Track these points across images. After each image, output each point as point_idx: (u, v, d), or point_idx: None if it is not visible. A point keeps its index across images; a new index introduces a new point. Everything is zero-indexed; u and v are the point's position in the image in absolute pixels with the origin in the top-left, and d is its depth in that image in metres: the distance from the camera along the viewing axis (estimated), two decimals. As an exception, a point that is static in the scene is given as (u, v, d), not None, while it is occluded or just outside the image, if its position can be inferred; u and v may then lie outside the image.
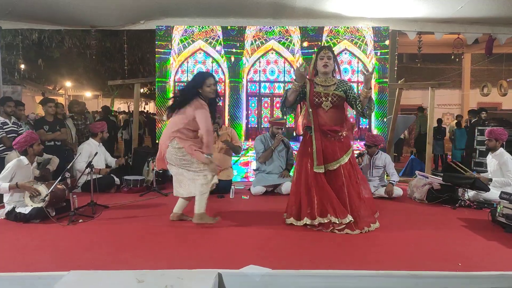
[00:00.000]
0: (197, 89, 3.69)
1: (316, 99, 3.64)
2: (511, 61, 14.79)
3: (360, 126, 6.41)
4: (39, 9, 5.62)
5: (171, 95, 6.19)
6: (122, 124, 11.63)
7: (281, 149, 5.45)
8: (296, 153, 4.36)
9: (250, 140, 6.37)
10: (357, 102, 3.65)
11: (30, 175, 4.11)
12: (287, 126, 6.34)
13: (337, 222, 3.52)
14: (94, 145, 5.38)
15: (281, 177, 5.36)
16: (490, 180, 4.72)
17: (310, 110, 3.69)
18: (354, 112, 4.16)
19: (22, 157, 4.05)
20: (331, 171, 3.67)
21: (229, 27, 6.36)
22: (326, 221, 3.57)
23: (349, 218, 3.52)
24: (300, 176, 3.78)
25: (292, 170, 5.60)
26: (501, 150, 4.79)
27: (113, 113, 13.64)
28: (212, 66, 6.42)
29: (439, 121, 10.05)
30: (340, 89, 3.66)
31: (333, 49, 4.06)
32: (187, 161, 3.66)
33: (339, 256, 3.00)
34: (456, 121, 11.00)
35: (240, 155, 5.99)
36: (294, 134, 3.98)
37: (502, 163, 4.69)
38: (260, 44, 6.43)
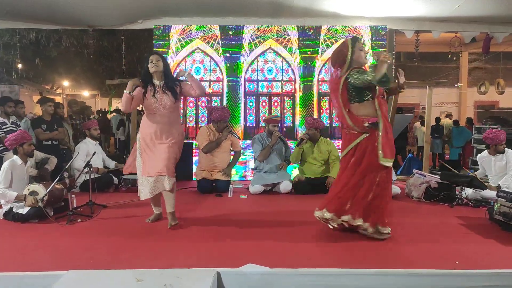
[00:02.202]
0: None
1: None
2: (508, 60, 14.79)
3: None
4: (38, 9, 5.61)
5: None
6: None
7: (277, 148, 5.44)
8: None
9: (242, 138, 6.37)
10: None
11: (24, 175, 4.09)
12: (285, 125, 6.35)
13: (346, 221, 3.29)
14: (91, 144, 5.37)
15: (280, 168, 5.36)
16: (498, 186, 4.54)
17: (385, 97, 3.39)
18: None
19: (15, 157, 4.02)
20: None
21: (227, 27, 6.35)
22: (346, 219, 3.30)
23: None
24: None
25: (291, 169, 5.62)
26: (507, 149, 4.76)
27: (110, 113, 13.63)
28: (210, 65, 6.42)
29: (437, 119, 10.10)
30: None
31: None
32: None
33: (337, 254, 3.01)
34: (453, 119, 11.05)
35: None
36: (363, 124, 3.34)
37: (509, 161, 4.66)
38: (258, 43, 6.43)
